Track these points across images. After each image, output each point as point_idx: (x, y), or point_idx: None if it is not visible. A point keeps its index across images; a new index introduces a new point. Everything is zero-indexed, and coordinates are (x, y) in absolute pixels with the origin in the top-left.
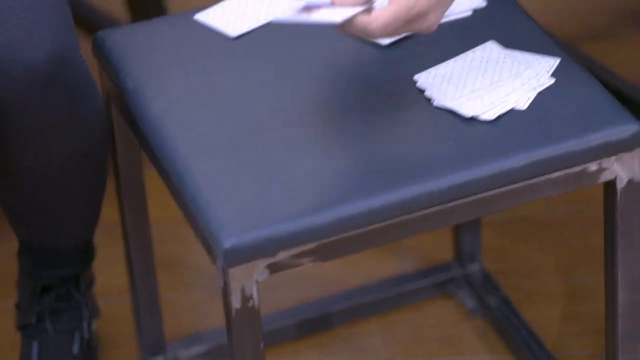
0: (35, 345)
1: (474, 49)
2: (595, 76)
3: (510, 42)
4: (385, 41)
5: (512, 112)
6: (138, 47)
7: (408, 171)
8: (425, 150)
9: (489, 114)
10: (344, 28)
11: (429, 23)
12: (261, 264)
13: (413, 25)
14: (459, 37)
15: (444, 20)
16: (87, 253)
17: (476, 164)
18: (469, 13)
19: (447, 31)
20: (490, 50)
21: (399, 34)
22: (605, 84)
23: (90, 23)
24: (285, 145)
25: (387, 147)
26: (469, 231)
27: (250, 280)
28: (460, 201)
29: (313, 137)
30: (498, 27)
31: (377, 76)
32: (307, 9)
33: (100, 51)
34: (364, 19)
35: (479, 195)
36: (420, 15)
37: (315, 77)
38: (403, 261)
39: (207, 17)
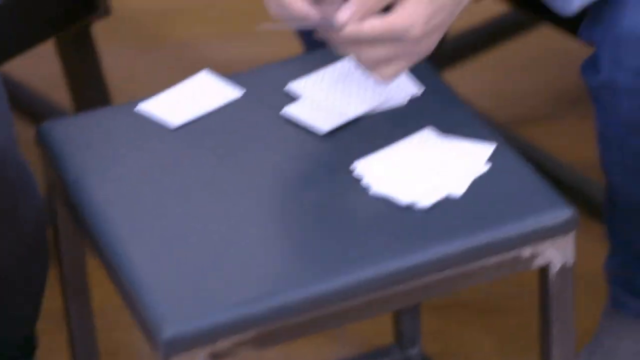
0: None
1: (410, 137)
2: (531, 159)
3: (446, 129)
4: (324, 129)
5: (448, 199)
6: (81, 137)
7: (345, 259)
8: (363, 237)
9: (425, 201)
10: (332, 33)
11: (421, 49)
12: (201, 353)
13: (404, 48)
14: (395, 125)
15: (382, 108)
16: (29, 343)
17: (412, 250)
18: (405, 101)
19: (384, 119)
20: (426, 137)
21: (387, 55)
22: (542, 167)
23: (34, 112)
24: (225, 234)
25: (325, 235)
26: (409, 315)
27: None
28: (397, 288)
29: (252, 225)
30: (434, 115)
31: (315, 164)
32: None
33: (44, 142)
34: (354, 26)
35: (416, 282)
36: (411, 41)
37: (254, 166)
38: (342, 346)
39: (149, 107)
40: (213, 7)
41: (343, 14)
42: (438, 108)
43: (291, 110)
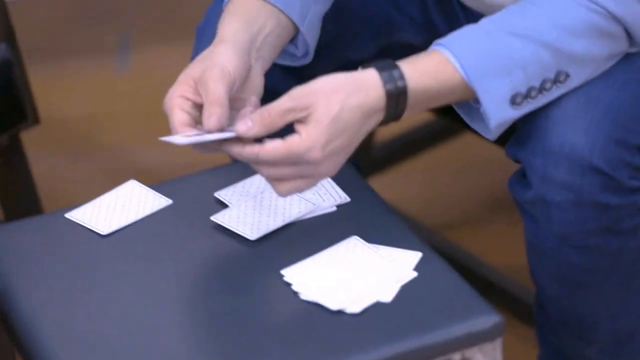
0: None
1: (338, 244)
2: (461, 264)
3: (373, 237)
4: (253, 236)
5: (377, 305)
6: (10, 246)
7: None
8: (293, 343)
9: (355, 307)
10: (234, 150)
11: (321, 172)
12: None
13: (304, 170)
14: (323, 233)
15: (309, 215)
16: None
17: (343, 356)
18: (334, 208)
19: (312, 226)
20: (354, 245)
21: (286, 175)
22: (471, 272)
23: None
24: (152, 340)
25: (255, 341)
26: None
27: None
28: None
29: (182, 332)
30: (361, 222)
31: (245, 270)
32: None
33: None
34: (254, 148)
35: None
36: (310, 163)
37: (184, 273)
38: None
39: (78, 215)
40: (141, 112)
41: (242, 125)
42: (365, 215)
43: (219, 218)
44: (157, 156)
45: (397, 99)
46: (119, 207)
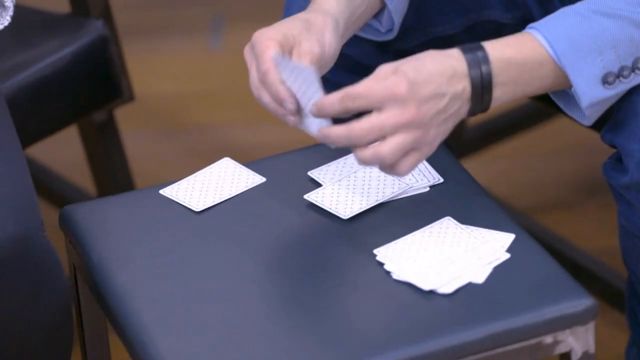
0: None
1: (431, 225)
2: (551, 247)
3: (466, 218)
4: (346, 215)
5: (469, 286)
6: (104, 221)
7: (368, 344)
8: (385, 323)
9: (447, 288)
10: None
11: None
12: None
13: (414, 134)
14: (416, 213)
15: (402, 195)
16: None
17: (434, 336)
18: (427, 189)
19: (405, 207)
20: (447, 226)
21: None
22: (562, 255)
23: (58, 196)
24: (246, 319)
25: (347, 320)
26: None
27: None
28: None
29: (275, 310)
30: (455, 203)
31: (337, 249)
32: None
33: (67, 225)
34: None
35: None
36: (404, 102)
37: (277, 251)
38: None
39: (172, 191)
40: (233, 92)
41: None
42: (458, 197)
43: (313, 197)
44: (249, 135)
45: (479, 66)
46: (213, 184)
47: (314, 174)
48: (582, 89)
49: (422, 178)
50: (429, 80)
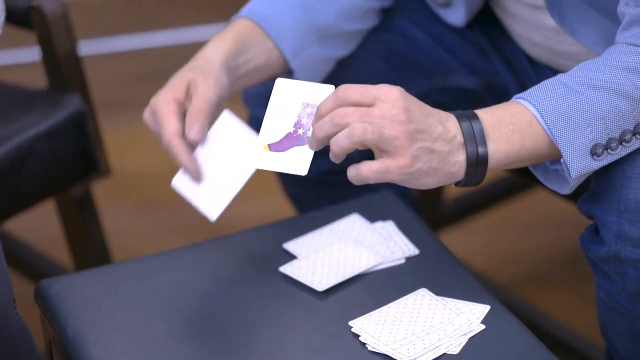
0: None
1: (406, 296)
2: (529, 320)
3: (442, 289)
4: (322, 287)
5: (444, 357)
6: (80, 295)
7: None
8: None
9: (423, 359)
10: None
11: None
12: None
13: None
14: (392, 285)
15: (378, 267)
16: None
17: None
18: (402, 261)
19: (381, 278)
20: (422, 297)
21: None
22: (540, 328)
23: (34, 270)
24: None
25: None
26: None
27: None
28: None
29: None
30: (430, 275)
31: (312, 321)
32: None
33: (42, 300)
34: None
35: None
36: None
37: (251, 323)
38: None
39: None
40: None
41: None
42: (434, 268)
43: (288, 270)
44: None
45: (468, 119)
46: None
47: (289, 246)
48: (572, 160)
49: (398, 250)
50: (422, 105)
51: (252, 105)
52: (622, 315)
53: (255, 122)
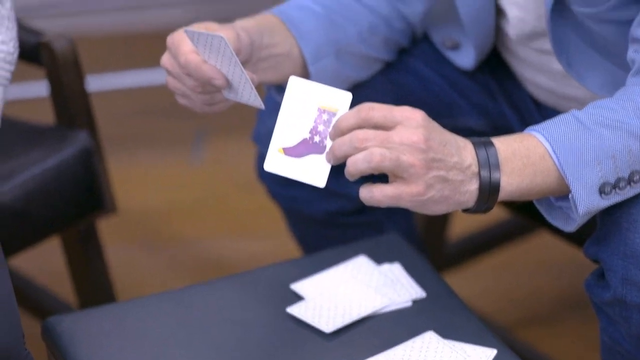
0: None
1: (413, 339)
2: None
3: (448, 332)
4: (329, 329)
5: None
6: (87, 333)
7: None
8: None
9: None
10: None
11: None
12: None
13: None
14: (399, 327)
15: (385, 310)
16: None
17: None
18: (409, 304)
19: (388, 321)
20: (429, 340)
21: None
22: None
23: (38, 307)
24: None
25: None
26: None
27: None
28: None
29: None
30: (437, 318)
31: None
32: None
33: (50, 337)
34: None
35: None
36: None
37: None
38: None
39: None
40: (215, 204)
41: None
42: (441, 311)
43: (295, 310)
44: (232, 247)
45: (484, 147)
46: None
47: (296, 287)
48: (580, 196)
49: (405, 292)
50: (442, 132)
51: (262, 144)
52: (626, 359)
53: (263, 160)
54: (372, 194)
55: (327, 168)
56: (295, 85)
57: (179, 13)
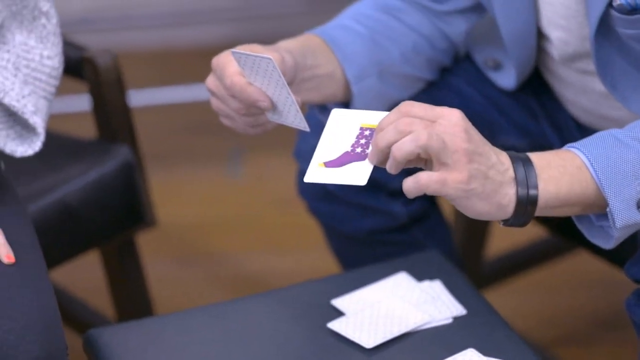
0: None
1: (454, 356)
2: None
3: (488, 349)
4: (370, 344)
5: None
6: (127, 346)
7: None
8: None
9: None
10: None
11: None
12: None
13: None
14: (439, 344)
15: (426, 326)
16: None
17: None
18: (450, 320)
19: (428, 338)
20: (470, 357)
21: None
22: None
23: (76, 320)
24: None
25: None
26: None
27: None
28: None
29: None
30: (477, 335)
31: None
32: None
33: (92, 349)
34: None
35: None
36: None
37: None
38: None
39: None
40: (252, 219)
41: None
42: (481, 328)
43: (336, 326)
44: (269, 262)
45: (519, 159)
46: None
47: (337, 302)
48: (618, 209)
49: (445, 310)
50: (479, 133)
51: (303, 161)
52: None
53: (303, 176)
54: (417, 179)
55: (369, 168)
56: (337, 116)
57: (219, 30)
